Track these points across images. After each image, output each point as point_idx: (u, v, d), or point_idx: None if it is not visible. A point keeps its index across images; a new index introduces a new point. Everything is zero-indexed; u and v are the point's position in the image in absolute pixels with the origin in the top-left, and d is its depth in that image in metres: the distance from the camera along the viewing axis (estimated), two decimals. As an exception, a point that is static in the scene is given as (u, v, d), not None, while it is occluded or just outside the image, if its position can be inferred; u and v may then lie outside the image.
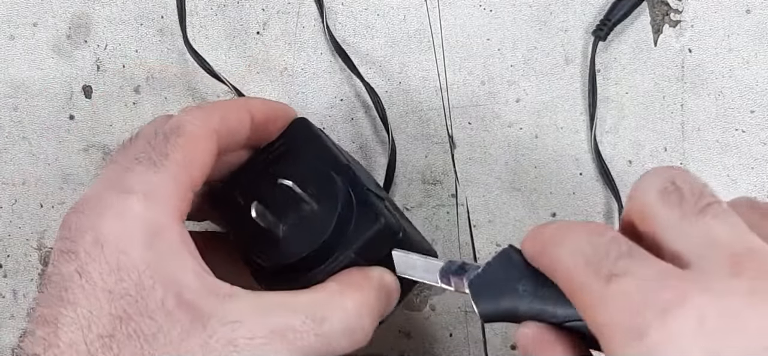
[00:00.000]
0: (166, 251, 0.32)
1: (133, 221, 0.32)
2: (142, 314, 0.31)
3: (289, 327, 0.32)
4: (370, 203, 0.37)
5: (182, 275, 0.32)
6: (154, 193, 0.33)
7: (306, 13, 0.49)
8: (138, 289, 0.31)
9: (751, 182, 0.47)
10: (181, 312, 0.31)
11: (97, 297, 0.31)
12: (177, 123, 0.35)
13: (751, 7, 0.47)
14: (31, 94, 0.50)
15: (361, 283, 0.35)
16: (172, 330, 0.31)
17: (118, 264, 0.31)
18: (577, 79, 0.48)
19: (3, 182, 0.50)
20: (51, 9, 0.50)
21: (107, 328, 0.31)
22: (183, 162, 0.34)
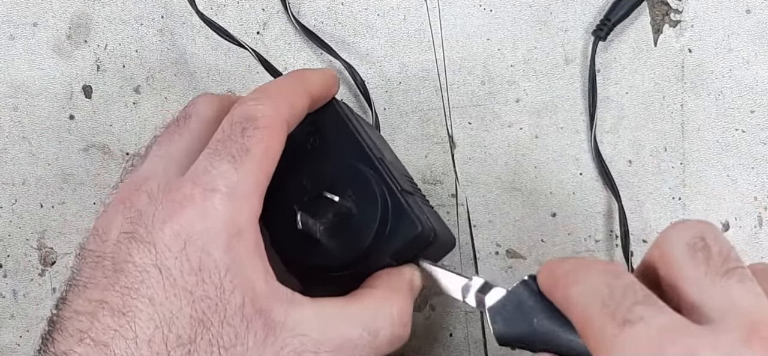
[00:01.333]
0: (244, 255, 0.32)
1: (217, 221, 0.31)
2: (222, 320, 0.31)
3: (349, 340, 0.33)
4: (405, 205, 0.37)
5: (256, 279, 0.32)
6: (236, 193, 0.32)
7: (306, 13, 0.49)
8: (218, 293, 0.31)
9: (751, 182, 0.47)
10: (256, 318, 0.31)
11: (177, 297, 0.30)
12: (251, 113, 0.34)
13: (751, 7, 0.47)
14: (31, 94, 0.50)
15: (401, 288, 0.36)
16: (248, 338, 0.31)
17: (201, 265, 0.31)
18: (577, 79, 0.48)
19: (3, 182, 0.50)
20: (51, 9, 0.50)
21: (187, 331, 0.30)
22: (262, 157, 0.33)
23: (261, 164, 0.33)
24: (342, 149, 0.39)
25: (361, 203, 0.37)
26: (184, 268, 0.30)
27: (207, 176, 0.32)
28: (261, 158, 0.33)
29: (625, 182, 0.47)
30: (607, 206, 0.47)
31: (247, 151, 0.33)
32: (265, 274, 0.32)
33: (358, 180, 0.37)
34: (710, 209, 0.47)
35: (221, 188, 0.32)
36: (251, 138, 0.33)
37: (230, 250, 0.31)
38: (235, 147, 0.33)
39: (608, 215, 0.47)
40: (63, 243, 0.50)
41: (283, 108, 0.35)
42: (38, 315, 0.50)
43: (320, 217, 0.37)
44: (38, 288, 0.50)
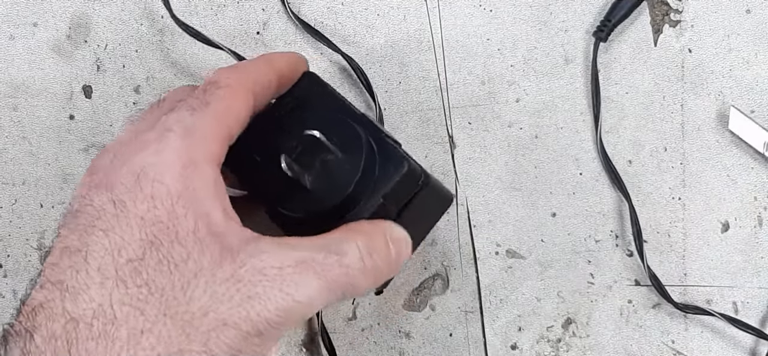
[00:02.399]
0: (199, 186, 0.32)
1: (170, 154, 0.32)
2: (172, 240, 0.31)
3: (314, 259, 0.32)
4: (391, 148, 0.37)
5: (213, 211, 0.32)
6: (192, 131, 0.33)
7: (306, 13, 0.49)
8: (170, 216, 0.31)
9: (751, 182, 0.47)
10: (211, 241, 0.31)
11: (129, 224, 0.31)
12: (214, 78, 0.36)
13: (751, 7, 0.47)
14: (31, 94, 0.50)
15: (369, 229, 0.36)
16: (202, 257, 0.31)
17: (153, 193, 0.32)
18: (577, 79, 0.48)
19: (3, 182, 0.50)
20: (51, 9, 0.50)
21: (137, 252, 0.31)
22: (222, 110, 0.35)
23: (220, 117, 0.34)
24: (324, 105, 0.39)
25: (345, 147, 0.37)
26: (136, 198, 0.32)
27: (163, 122, 0.34)
28: (221, 111, 0.35)
29: (625, 182, 0.47)
30: (607, 206, 0.47)
31: (206, 104, 0.35)
32: (223, 210, 0.33)
33: (342, 127, 0.38)
34: (710, 209, 0.47)
35: (175, 129, 0.33)
36: (211, 95, 0.35)
37: (183, 178, 0.32)
38: (195, 102, 0.35)
39: (608, 215, 0.47)
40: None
41: (246, 77, 0.37)
42: (38, 315, 0.50)
43: (300, 158, 0.37)
44: (38, 288, 0.50)
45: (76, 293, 0.30)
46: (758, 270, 0.47)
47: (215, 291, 0.31)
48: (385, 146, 0.37)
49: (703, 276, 0.47)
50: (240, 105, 0.36)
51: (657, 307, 0.47)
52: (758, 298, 0.47)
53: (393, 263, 0.36)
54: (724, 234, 0.47)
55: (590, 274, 0.48)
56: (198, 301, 0.31)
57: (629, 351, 0.47)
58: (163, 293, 0.30)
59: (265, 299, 0.31)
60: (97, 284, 0.30)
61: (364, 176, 0.36)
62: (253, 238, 0.33)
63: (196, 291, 0.31)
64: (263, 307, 0.31)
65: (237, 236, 0.32)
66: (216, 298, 0.31)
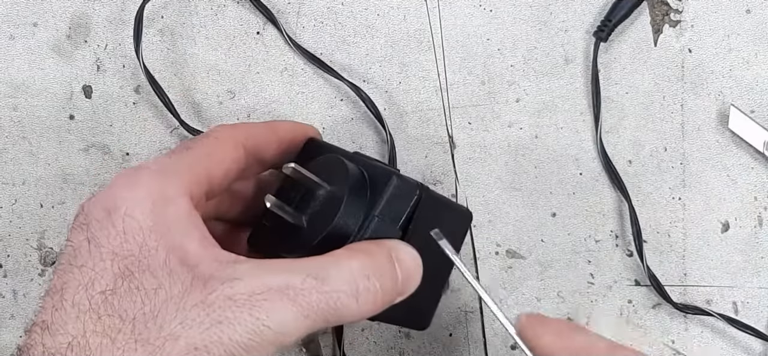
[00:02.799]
0: (172, 219, 0.33)
1: (142, 189, 0.33)
2: (143, 271, 0.31)
3: (288, 284, 0.32)
4: (381, 170, 0.37)
5: (187, 241, 0.33)
6: (165, 170, 0.34)
7: (306, 13, 0.49)
8: (142, 249, 0.32)
9: (751, 182, 0.47)
10: (182, 271, 0.32)
11: (102, 258, 0.32)
12: (207, 131, 0.38)
13: (751, 7, 0.47)
14: (31, 94, 0.50)
15: (371, 248, 0.35)
16: (173, 287, 0.31)
17: (124, 228, 0.32)
18: (577, 79, 0.48)
19: (3, 182, 0.50)
20: (51, 9, 0.50)
21: (109, 284, 0.31)
22: (201, 155, 0.36)
23: (198, 158, 0.36)
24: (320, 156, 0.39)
25: (332, 179, 0.37)
26: (110, 233, 0.32)
27: (140, 165, 0.35)
28: (200, 155, 0.36)
29: (625, 182, 0.47)
30: (607, 206, 0.47)
31: (188, 148, 0.36)
32: (199, 239, 0.33)
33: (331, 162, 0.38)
34: (710, 209, 0.47)
35: (150, 167, 0.34)
36: (195, 142, 0.37)
37: (154, 213, 0.33)
38: (177, 148, 0.36)
39: (608, 215, 0.47)
40: (63, 243, 0.50)
41: (237, 131, 0.38)
42: (38, 315, 0.50)
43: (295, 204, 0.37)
44: (38, 288, 0.50)
45: (55, 329, 0.31)
46: (758, 270, 0.47)
47: (185, 316, 0.31)
48: (375, 169, 0.37)
49: (703, 275, 0.47)
50: (223, 153, 0.37)
51: (657, 307, 0.47)
52: (758, 298, 0.47)
53: (401, 285, 0.35)
54: (724, 234, 0.47)
55: (590, 274, 0.48)
56: (168, 327, 0.31)
57: (629, 351, 0.47)
58: (134, 321, 0.31)
59: (235, 323, 0.31)
60: (73, 318, 0.31)
61: (355, 201, 0.36)
62: (229, 262, 0.33)
63: (167, 317, 0.31)
64: (234, 331, 0.31)
65: (212, 263, 0.32)
66: (186, 324, 0.31)
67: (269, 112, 0.48)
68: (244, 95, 0.49)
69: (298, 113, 0.48)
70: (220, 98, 0.49)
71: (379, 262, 0.35)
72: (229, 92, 0.49)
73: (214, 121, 0.49)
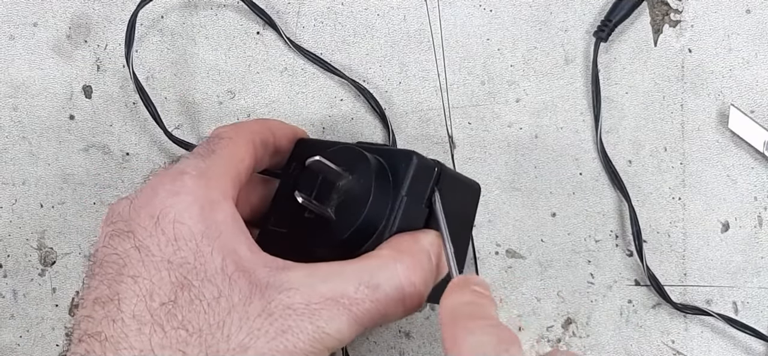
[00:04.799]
0: (222, 222, 0.33)
1: (188, 195, 0.33)
2: (202, 279, 0.31)
3: (343, 293, 0.32)
4: (395, 151, 0.38)
5: (238, 246, 0.33)
6: (206, 173, 0.34)
7: (306, 13, 0.49)
8: (196, 256, 0.32)
9: (751, 182, 0.47)
10: (240, 277, 0.32)
11: (157, 268, 0.32)
12: (216, 132, 0.38)
13: (751, 7, 0.47)
14: (31, 94, 0.50)
15: (412, 247, 0.35)
16: (233, 294, 0.31)
17: (176, 235, 0.32)
18: (577, 79, 0.48)
19: (3, 182, 0.50)
20: (51, 9, 0.50)
21: (169, 295, 0.31)
22: (228, 156, 0.36)
23: (227, 161, 0.36)
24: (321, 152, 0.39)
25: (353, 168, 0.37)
26: (160, 241, 0.32)
27: (177, 167, 0.34)
28: (227, 157, 0.36)
29: (625, 182, 0.47)
30: (607, 206, 0.47)
31: (212, 151, 0.36)
32: (247, 243, 0.33)
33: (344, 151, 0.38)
34: (710, 209, 0.47)
35: (190, 170, 0.34)
36: (215, 144, 0.36)
37: (204, 218, 0.32)
38: (202, 150, 0.36)
39: (608, 215, 0.47)
40: (63, 243, 0.50)
41: (245, 129, 0.38)
42: (38, 315, 0.50)
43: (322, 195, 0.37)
44: (38, 288, 0.50)
45: (116, 342, 0.31)
46: (758, 270, 0.47)
47: (250, 326, 0.31)
48: (389, 154, 0.38)
49: (703, 275, 0.47)
50: (243, 152, 0.37)
51: (657, 307, 0.47)
52: (758, 298, 0.47)
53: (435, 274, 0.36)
54: (724, 234, 0.47)
55: (590, 274, 0.48)
56: (235, 338, 0.31)
57: (629, 351, 0.47)
58: (201, 333, 0.31)
59: (298, 331, 0.32)
60: (134, 331, 0.31)
61: (381, 188, 0.36)
62: (280, 269, 0.33)
63: (232, 328, 0.31)
64: (297, 339, 0.31)
65: (264, 268, 0.33)
66: (252, 334, 0.31)
67: (269, 112, 0.48)
68: (244, 95, 0.49)
69: (298, 112, 0.48)
70: (220, 97, 0.49)
71: (422, 264, 0.35)
72: (229, 91, 0.49)
73: (214, 121, 0.49)
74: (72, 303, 0.50)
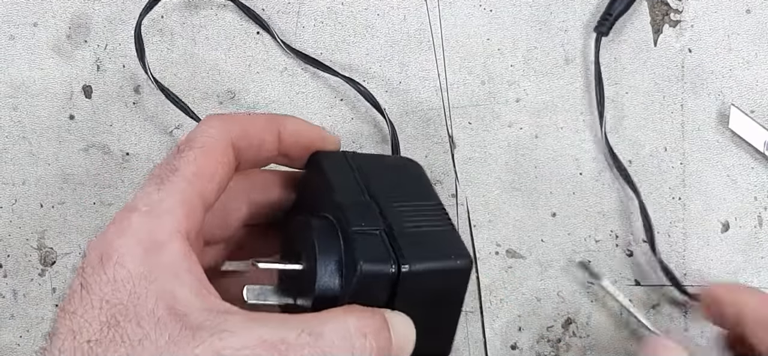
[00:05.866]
0: (163, 265, 0.32)
1: (132, 236, 0.32)
2: (130, 320, 0.31)
3: (282, 339, 0.31)
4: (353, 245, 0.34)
5: (178, 289, 0.32)
6: (155, 209, 0.33)
7: (306, 13, 0.49)
8: (131, 298, 0.31)
9: (751, 182, 0.47)
10: (170, 319, 0.31)
11: (92, 305, 0.31)
12: (193, 135, 0.35)
13: (751, 7, 0.47)
14: (31, 94, 0.50)
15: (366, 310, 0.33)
16: (160, 338, 0.30)
17: (115, 276, 0.32)
18: (577, 79, 0.48)
19: (3, 182, 0.50)
20: (51, 9, 0.50)
21: (95, 334, 0.31)
22: (190, 177, 0.34)
23: (190, 183, 0.34)
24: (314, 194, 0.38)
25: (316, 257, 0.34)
26: (101, 280, 0.32)
27: (132, 201, 0.34)
28: (190, 176, 0.34)
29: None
30: (607, 206, 0.47)
31: (175, 170, 0.34)
32: (191, 284, 0.32)
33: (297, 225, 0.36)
34: (710, 209, 0.47)
35: (140, 207, 0.33)
36: (182, 158, 0.34)
37: (146, 261, 0.32)
38: (164, 169, 0.34)
39: (608, 215, 0.47)
40: (63, 243, 0.50)
41: (227, 129, 0.36)
42: (38, 315, 0.50)
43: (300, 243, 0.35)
44: (38, 288, 0.50)
45: None
46: (758, 270, 0.47)
47: None
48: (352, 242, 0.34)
49: (703, 276, 0.47)
50: (213, 165, 0.35)
51: (657, 307, 0.47)
52: (758, 298, 0.47)
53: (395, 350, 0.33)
54: (724, 234, 0.47)
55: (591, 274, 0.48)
56: None
57: (629, 351, 0.47)
58: None
59: None
60: None
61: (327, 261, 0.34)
62: (222, 312, 0.31)
63: None
64: None
65: (202, 312, 0.31)
66: None
67: (269, 112, 0.48)
68: (244, 95, 0.49)
69: (298, 113, 0.48)
70: (220, 97, 0.49)
71: (375, 322, 0.33)
72: (229, 91, 0.49)
73: (214, 121, 0.49)
74: (72, 303, 0.50)
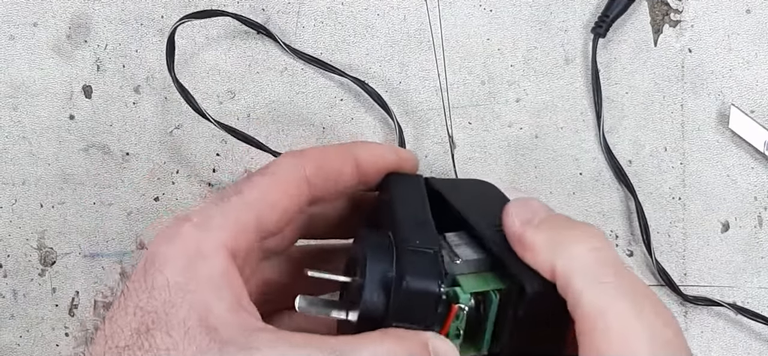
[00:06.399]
0: (202, 277, 0.32)
1: (179, 245, 0.32)
2: (161, 328, 0.30)
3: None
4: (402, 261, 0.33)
5: (214, 302, 0.31)
6: (206, 222, 0.33)
7: (306, 13, 0.49)
8: (165, 306, 0.31)
9: (751, 182, 0.47)
10: (200, 332, 0.30)
11: (127, 311, 0.31)
12: (268, 164, 0.36)
13: (751, 7, 0.47)
14: (31, 94, 0.50)
15: (405, 335, 0.32)
16: (187, 349, 0.30)
17: (154, 283, 0.31)
18: (577, 79, 0.48)
19: (3, 182, 0.50)
20: (51, 9, 0.50)
21: (127, 340, 0.31)
22: (252, 201, 0.34)
23: (250, 205, 0.34)
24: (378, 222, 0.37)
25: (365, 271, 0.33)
26: (140, 287, 0.32)
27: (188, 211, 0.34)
28: (251, 200, 0.34)
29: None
30: (607, 206, 0.47)
31: (238, 192, 0.34)
32: (230, 301, 0.32)
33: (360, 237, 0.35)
34: (710, 209, 0.47)
35: (194, 218, 0.33)
36: (248, 183, 0.35)
37: (186, 271, 0.32)
38: (229, 190, 0.34)
39: (608, 215, 0.47)
40: (63, 243, 0.50)
41: (308, 165, 0.36)
42: (38, 315, 0.50)
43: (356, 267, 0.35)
44: (38, 288, 0.50)
45: None
46: (758, 270, 0.47)
47: None
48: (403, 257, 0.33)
49: (703, 275, 0.47)
50: (278, 195, 0.35)
51: (657, 307, 0.47)
52: (758, 298, 0.47)
53: None
54: (724, 234, 0.47)
55: (590, 274, 0.47)
56: None
57: (629, 351, 0.47)
58: None
59: None
60: None
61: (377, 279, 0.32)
62: (253, 331, 0.31)
63: None
64: None
65: (234, 328, 0.31)
66: None
67: (269, 112, 0.48)
68: (244, 95, 0.49)
69: (298, 112, 0.48)
70: (220, 98, 0.49)
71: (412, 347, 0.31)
72: (229, 91, 0.49)
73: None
74: (72, 303, 0.50)
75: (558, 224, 0.33)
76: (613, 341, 0.29)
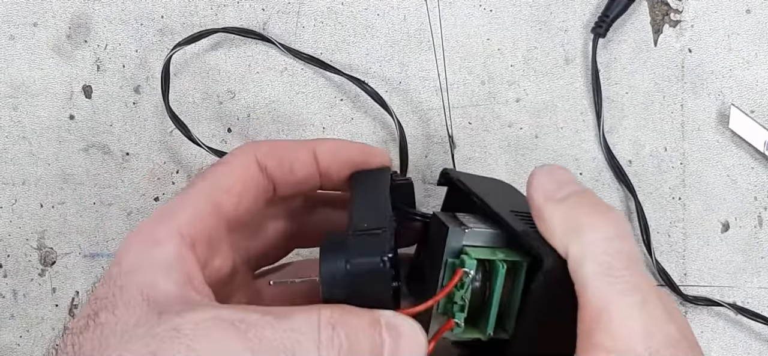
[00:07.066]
0: (153, 260, 0.32)
1: (136, 238, 0.33)
2: (107, 310, 0.31)
3: (241, 318, 0.29)
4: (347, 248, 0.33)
5: (162, 281, 0.31)
6: (164, 214, 0.34)
7: (306, 13, 0.49)
8: (115, 291, 0.32)
9: (751, 182, 0.47)
10: (141, 305, 0.31)
11: (85, 303, 0.32)
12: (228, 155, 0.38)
13: (751, 7, 0.47)
14: (31, 94, 0.50)
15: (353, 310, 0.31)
16: (129, 320, 0.30)
17: (111, 273, 0.32)
18: (578, 79, 0.48)
19: (3, 182, 0.50)
20: (51, 9, 0.50)
21: (80, 326, 0.31)
22: (205, 188, 0.35)
23: (203, 192, 0.35)
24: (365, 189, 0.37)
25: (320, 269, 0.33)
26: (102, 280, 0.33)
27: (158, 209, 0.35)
28: (205, 187, 0.35)
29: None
30: (607, 206, 0.47)
31: (194, 183, 0.36)
32: (179, 279, 0.32)
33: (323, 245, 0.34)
34: (710, 209, 0.47)
35: (154, 214, 0.35)
36: (204, 172, 0.37)
37: (138, 258, 0.32)
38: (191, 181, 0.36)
39: (608, 215, 0.47)
40: (63, 243, 0.50)
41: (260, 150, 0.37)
42: (38, 315, 0.50)
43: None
44: (38, 288, 0.50)
45: None
46: (758, 270, 0.47)
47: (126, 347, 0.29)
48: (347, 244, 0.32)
49: (703, 275, 0.47)
50: (231, 180, 0.36)
51: (657, 307, 0.47)
52: (758, 298, 0.47)
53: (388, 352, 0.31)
54: (724, 234, 0.47)
55: (590, 274, 0.47)
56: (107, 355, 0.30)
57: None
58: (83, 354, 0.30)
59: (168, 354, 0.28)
60: None
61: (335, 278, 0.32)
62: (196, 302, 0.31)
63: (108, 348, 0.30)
64: None
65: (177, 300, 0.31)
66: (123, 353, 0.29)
67: (269, 112, 0.48)
68: (244, 95, 0.49)
69: (298, 112, 0.48)
70: (220, 97, 0.49)
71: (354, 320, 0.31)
72: (229, 91, 0.49)
73: (213, 121, 0.49)
74: (72, 303, 0.50)
75: (580, 204, 0.32)
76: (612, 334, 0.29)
